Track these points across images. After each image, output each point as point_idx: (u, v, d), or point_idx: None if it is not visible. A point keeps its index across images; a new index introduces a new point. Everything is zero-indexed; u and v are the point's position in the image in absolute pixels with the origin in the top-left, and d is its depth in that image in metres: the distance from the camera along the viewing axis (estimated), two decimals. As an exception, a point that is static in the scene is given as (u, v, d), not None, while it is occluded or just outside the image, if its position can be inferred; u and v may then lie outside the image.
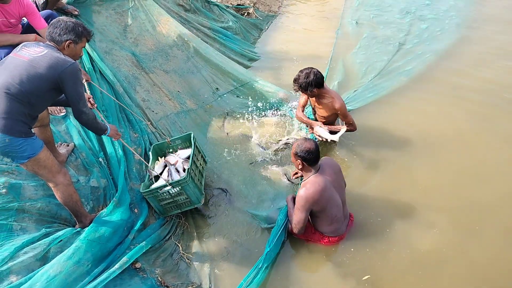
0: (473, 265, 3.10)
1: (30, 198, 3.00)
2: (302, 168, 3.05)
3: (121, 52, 4.69)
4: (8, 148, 2.46)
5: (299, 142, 3.01)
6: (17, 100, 2.44)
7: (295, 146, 3.02)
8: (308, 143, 2.98)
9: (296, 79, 3.80)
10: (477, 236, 3.30)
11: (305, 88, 3.77)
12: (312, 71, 3.74)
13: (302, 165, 3.02)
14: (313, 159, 2.98)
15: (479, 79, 5.07)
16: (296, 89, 3.85)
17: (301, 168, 3.06)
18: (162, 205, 3.43)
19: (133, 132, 4.05)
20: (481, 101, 4.69)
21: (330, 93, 3.89)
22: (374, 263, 3.17)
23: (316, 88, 3.76)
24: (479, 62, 5.42)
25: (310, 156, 2.95)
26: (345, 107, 3.88)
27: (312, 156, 2.96)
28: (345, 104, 3.89)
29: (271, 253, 3.14)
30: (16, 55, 2.55)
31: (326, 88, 3.88)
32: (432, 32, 6.16)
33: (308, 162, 2.99)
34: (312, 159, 2.98)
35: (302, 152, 2.95)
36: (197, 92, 4.91)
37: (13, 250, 2.60)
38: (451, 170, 3.88)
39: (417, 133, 4.29)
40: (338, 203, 3.12)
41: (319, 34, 6.60)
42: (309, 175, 3.05)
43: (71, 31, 2.65)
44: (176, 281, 3.15)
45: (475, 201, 3.56)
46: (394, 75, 5.25)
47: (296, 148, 3.00)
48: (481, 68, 5.30)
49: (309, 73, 3.72)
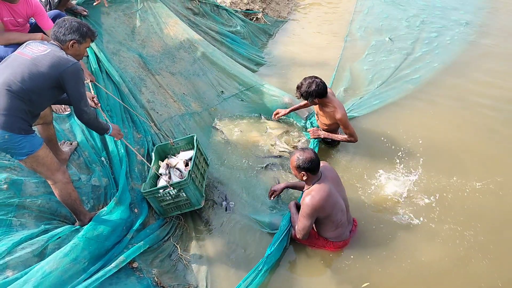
0: (473, 278, 3.05)
1: (31, 195, 3.02)
2: (307, 179, 3.03)
3: (128, 53, 4.73)
4: (7, 145, 2.48)
5: (298, 155, 2.98)
6: (18, 98, 2.46)
7: (294, 159, 2.99)
8: (307, 152, 2.96)
9: (298, 87, 3.83)
10: (480, 249, 3.23)
11: (306, 97, 3.81)
12: (315, 81, 3.74)
13: (306, 176, 3.00)
14: (316, 167, 2.97)
15: (489, 90, 5.00)
16: (298, 96, 3.88)
17: (305, 180, 3.04)
18: (162, 206, 3.44)
19: (136, 132, 4.07)
20: (490, 113, 4.63)
21: (333, 102, 3.88)
22: (373, 270, 3.14)
23: (317, 98, 3.78)
24: (489, 72, 5.36)
25: (313, 165, 2.95)
26: (346, 118, 3.86)
27: (315, 164, 2.96)
28: (346, 115, 3.88)
29: (271, 256, 3.12)
30: (19, 53, 2.59)
31: (329, 97, 3.87)
32: (442, 41, 6.12)
33: (312, 171, 2.98)
34: (315, 168, 2.97)
35: (305, 163, 2.93)
36: (202, 94, 4.92)
37: (11, 245, 2.62)
38: (456, 181, 3.81)
39: (422, 143, 4.24)
40: (342, 208, 3.11)
41: (327, 40, 6.59)
42: (312, 182, 3.04)
43: (76, 31, 2.68)
44: (173, 282, 3.14)
45: (481, 213, 3.51)
46: (401, 83, 5.21)
47: (297, 162, 2.97)
48: (490, 78, 5.23)
49: (311, 83, 3.73)
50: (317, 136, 4.09)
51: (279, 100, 4.77)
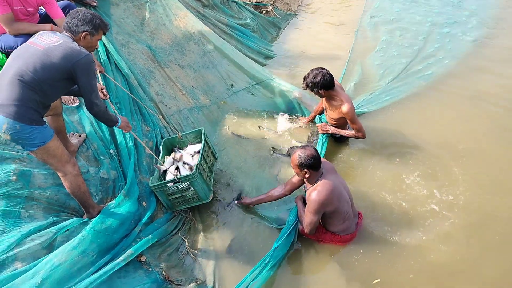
0: (487, 280, 2.98)
1: (40, 186, 3.01)
2: (309, 176, 2.99)
3: (137, 45, 4.69)
4: (18, 135, 2.47)
5: (299, 152, 2.94)
6: (30, 88, 2.44)
7: (295, 158, 2.95)
8: (308, 150, 2.93)
9: (305, 77, 3.80)
10: (495, 250, 3.16)
11: (311, 88, 3.77)
12: (321, 72, 3.69)
13: (309, 173, 2.97)
14: (318, 163, 2.95)
15: (502, 87, 4.89)
16: (304, 87, 3.84)
17: (308, 177, 3.01)
18: (170, 199, 3.42)
19: (145, 125, 4.05)
20: (503, 111, 4.52)
21: (340, 95, 3.81)
22: (383, 267, 3.11)
23: (323, 90, 3.73)
24: (503, 69, 5.23)
25: (315, 162, 2.92)
26: (353, 113, 3.79)
27: (317, 160, 2.93)
28: (353, 109, 3.80)
29: (278, 250, 3.09)
30: (31, 43, 2.56)
31: (336, 90, 3.81)
32: (454, 36, 6.00)
33: (314, 168, 2.95)
34: (317, 164, 2.95)
35: (307, 160, 2.90)
36: (212, 88, 4.88)
37: (19, 237, 2.61)
38: (469, 182, 3.72)
39: (434, 141, 4.16)
40: (347, 199, 3.10)
41: (337, 34, 6.50)
42: (315, 180, 3.01)
43: (88, 23, 2.64)
44: (180, 276, 3.14)
45: (496, 213, 3.43)
46: (413, 79, 5.12)
47: (298, 159, 2.93)
48: (504, 75, 5.12)
49: (317, 74, 3.68)
50: (325, 131, 4.04)
51: (289, 95, 4.73)
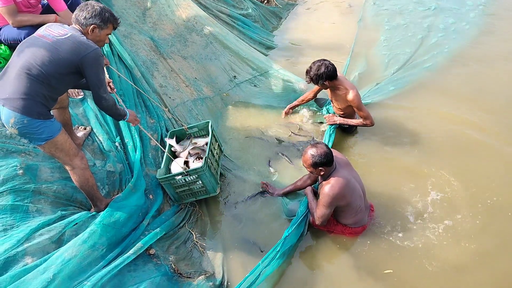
0: (501, 278, 2.95)
1: (46, 180, 2.98)
2: (324, 173, 2.97)
3: (140, 36, 4.63)
4: (26, 129, 2.43)
5: (312, 152, 2.90)
6: (38, 82, 2.40)
7: (309, 157, 2.91)
8: (320, 148, 2.90)
9: (307, 71, 3.77)
10: (506, 248, 3.12)
11: (316, 81, 3.73)
12: (324, 63, 3.66)
13: (324, 170, 2.95)
14: (331, 159, 2.93)
15: (507, 74, 4.86)
16: (308, 80, 3.80)
17: (323, 174, 2.99)
18: (177, 192, 3.40)
19: (150, 117, 4.01)
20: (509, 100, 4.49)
21: (345, 84, 3.78)
22: (393, 258, 3.10)
23: (327, 81, 3.70)
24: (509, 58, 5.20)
25: (328, 158, 2.90)
26: (359, 100, 3.76)
27: (330, 157, 2.91)
28: (359, 96, 3.77)
29: (289, 240, 3.09)
30: (39, 36, 2.51)
31: (340, 79, 3.78)
32: (458, 26, 5.95)
33: (328, 164, 2.93)
34: (330, 160, 2.93)
35: (321, 158, 2.88)
36: (215, 79, 4.84)
37: (28, 232, 2.59)
38: (480, 174, 3.67)
39: (443, 132, 4.12)
40: (360, 193, 3.08)
41: (340, 24, 6.45)
42: (328, 173, 2.99)
43: (97, 16, 2.58)
44: (189, 268, 3.13)
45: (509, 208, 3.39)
46: (418, 70, 5.08)
47: (312, 159, 2.90)
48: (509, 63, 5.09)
49: (320, 66, 3.65)
50: (333, 122, 4.02)
51: (293, 86, 4.69)
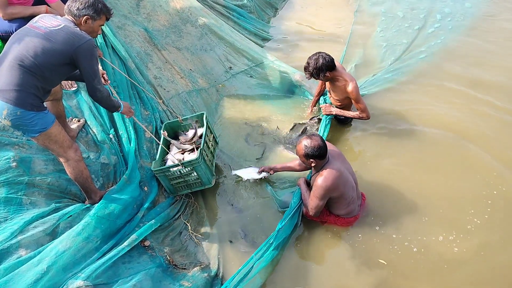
0: (493, 271, 2.95)
1: (40, 173, 2.97)
2: (316, 165, 3.00)
3: (134, 27, 4.58)
4: (19, 121, 2.41)
5: (306, 143, 2.92)
6: (30, 73, 2.38)
7: (302, 148, 2.94)
8: (314, 140, 2.91)
9: (306, 67, 3.72)
10: (503, 240, 3.10)
11: (317, 75, 3.69)
12: (320, 55, 3.64)
13: (315, 162, 2.97)
14: (324, 152, 2.95)
15: (503, 67, 4.83)
16: (308, 77, 3.77)
17: (314, 166, 3.01)
18: (172, 184, 3.40)
19: (144, 109, 3.99)
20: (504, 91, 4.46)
21: (344, 75, 3.77)
22: (385, 249, 3.12)
23: (328, 72, 3.67)
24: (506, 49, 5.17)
25: (321, 152, 2.92)
26: (358, 91, 3.75)
27: (323, 150, 2.93)
28: (358, 88, 3.76)
29: (282, 231, 3.10)
30: (32, 27, 2.48)
31: (339, 70, 3.77)
32: (455, 16, 5.92)
33: (320, 158, 2.95)
34: (323, 154, 2.94)
35: (313, 151, 2.90)
36: (210, 70, 4.81)
37: (22, 224, 2.59)
38: (477, 167, 3.66)
39: (438, 125, 4.10)
40: (352, 184, 3.10)
41: (336, 14, 6.40)
42: (321, 166, 3.01)
43: (90, 7, 2.56)
44: (184, 260, 3.14)
45: (504, 200, 3.36)
46: (415, 61, 5.05)
47: (305, 150, 2.92)
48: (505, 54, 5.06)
49: (317, 58, 3.63)
50: (329, 113, 4.01)
51: (289, 77, 4.67)
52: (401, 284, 2.94)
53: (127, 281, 2.66)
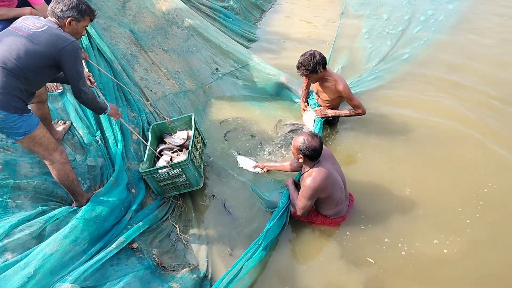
0: (478, 271, 2.98)
1: (26, 175, 2.95)
2: (304, 161, 3.02)
3: (119, 29, 4.57)
4: (2, 124, 2.39)
5: (305, 138, 2.91)
6: (14, 75, 2.36)
7: (299, 141, 2.92)
8: (314, 140, 2.90)
9: (301, 63, 3.65)
10: (490, 242, 3.12)
11: (314, 69, 3.62)
12: (314, 52, 3.66)
13: (303, 159, 2.99)
14: (317, 156, 2.95)
15: (488, 68, 4.92)
16: (304, 73, 3.69)
17: (302, 162, 3.04)
18: (160, 186, 3.40)
19: (131, 111, 3.98)
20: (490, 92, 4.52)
21: (333, 75, 3.82)
22: (374, 250, 3.15)
23: (322, 68, 3.67)
24: (487, 48, 5.27)
25: (314, 154, 2.92)
26: (349, 89, 3.80)
27: (317, 153, 2.93)
28: (348, 86, 3.81)
29: (271, 232, 3.11)
30: (14, 29, 2.46)
31: (328, 70, 3.82)
32: (437, 17, 6.02)
33: (311, 158, 2.96)
34: (315, 156, 2.95)
35: (308, 150, 2.90)
36: (197, 72, 4.82)
37: (8, 228, 2.56)
38: (465, 165, 3.71)
39: (426, 122, 4.16)
40: (341, 185, 3.12)
41: (322, 16, 6.46)
42: (311, 165, 3.02)
43: (74, 8, 2.55)
44: (173, 261, 3.14)
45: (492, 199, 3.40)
46: (399, 62, 5.13)
47: (301, 144, 2.91)
48: (488, 55, 5.15)
49: (312, 54, 3.64)
50: (324, 115, 4.00)
51: (275, 79, 4.69)
52: (390, 282, 2.96)
53: (115, 283, 2.64)
